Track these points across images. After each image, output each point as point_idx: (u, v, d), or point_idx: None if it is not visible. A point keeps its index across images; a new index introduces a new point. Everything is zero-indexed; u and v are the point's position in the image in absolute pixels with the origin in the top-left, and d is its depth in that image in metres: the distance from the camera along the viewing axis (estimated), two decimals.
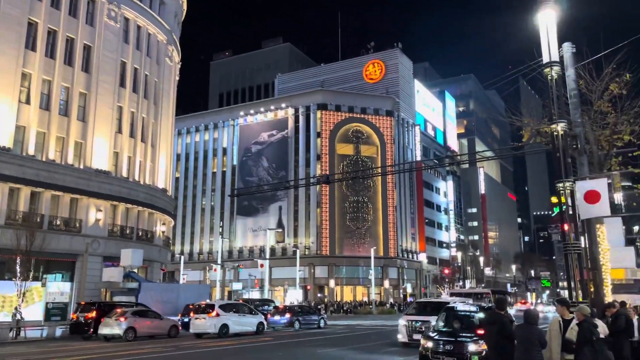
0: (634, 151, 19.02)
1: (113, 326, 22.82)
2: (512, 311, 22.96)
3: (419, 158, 79.13)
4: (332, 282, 67.08)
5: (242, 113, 78.29)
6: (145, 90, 40.34)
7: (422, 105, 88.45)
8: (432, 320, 15.85)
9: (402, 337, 18.68)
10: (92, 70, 35.53)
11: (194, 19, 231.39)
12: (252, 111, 77.47)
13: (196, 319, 23.81)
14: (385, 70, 79.68)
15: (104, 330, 23.05)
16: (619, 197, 33.07)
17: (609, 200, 14.72)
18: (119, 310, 23.83)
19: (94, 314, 24.30)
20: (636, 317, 12.98)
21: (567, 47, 16.68)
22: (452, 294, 40.61)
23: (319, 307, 46.66)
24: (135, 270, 33.52)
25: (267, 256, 53.16)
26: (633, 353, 12.21)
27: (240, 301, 32.34)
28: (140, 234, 37.99)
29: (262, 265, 50.10)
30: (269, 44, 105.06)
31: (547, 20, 15.44)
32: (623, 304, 13.23)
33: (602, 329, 11.40)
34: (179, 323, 26.15)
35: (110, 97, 36.51)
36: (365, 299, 66.20)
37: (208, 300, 30.06)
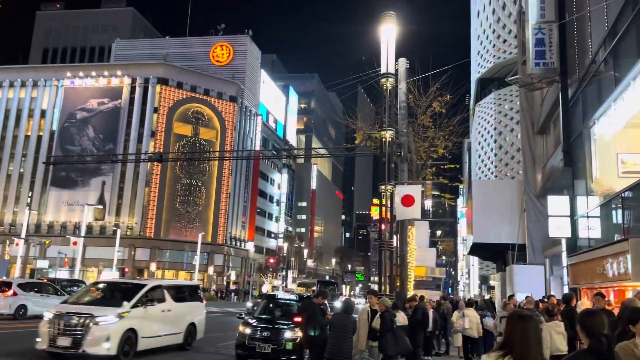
0: (445, 164, 21.54)
1: None
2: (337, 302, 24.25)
3: (258, 148, 79.73)
4: (153, 266, 64.23)
5: (69, 74, 70.53)
6: None
7: (266, 96, 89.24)
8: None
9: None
10: None
11: None
12: (81, 74, 70.28)
13: None
14: (234, 55, 78.62)
15: None
16: (428, 204, 37.20)
17: (420, 205, 16.34)
18: None
19: None
20: (431, 310, 14.63)
21: (402, 62, 18.16)
22: (299, 284, 41.81)
23: None
24: None
25: (83, 234, 48.81)
26: (426, 341, 13.76)
27: (45, 280, 29.18)
28: None
29: (75, 243, 45.80)
30: (109, 5, 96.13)
31: (388, 35, 16.58)
32: (422, 298, 14.80)
33: (403, 319, 12.67)
34: None
35: None
36: None
37: (4, 278, 26.58)
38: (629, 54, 12.56)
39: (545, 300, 13.59)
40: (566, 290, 17.26)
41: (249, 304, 33.48)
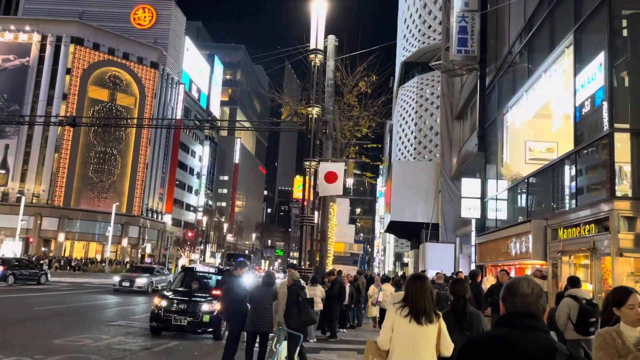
0: (368, 144, 22.02)
1: None
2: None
3: (179, 117, 77.07)
4: (61, 236, 60.84)
5: None
6: None
7: (190, 65, 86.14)
8: None
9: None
10: None
11: None
12: None
13: None
14: (157, 18, 74.90)
15: None
16: (350, 182, 37.92)
17: (343, 182, 16.63)
18: None
19: None
20: (348, 284, 15.04)
21: (331, 39, 18.18)
22: (228, 255, 41.23)
23: (41, 262, 41.88)
24: None
25: None
26: (341, 314, 14.18)
27: None
28: None
29: None
30: None
31: (318, 10, 16.50)
32: (340, 273, 15.18)
33: (321, 292, 12.95)
34: None
35: None
36: (99, 256, 62.04)
37: None
38: (542, 47, 13.38)
39: (454, 276, 14.40)
40: (473, 267, 18.44)
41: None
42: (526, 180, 14.20)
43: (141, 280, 25.00)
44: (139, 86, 68.29)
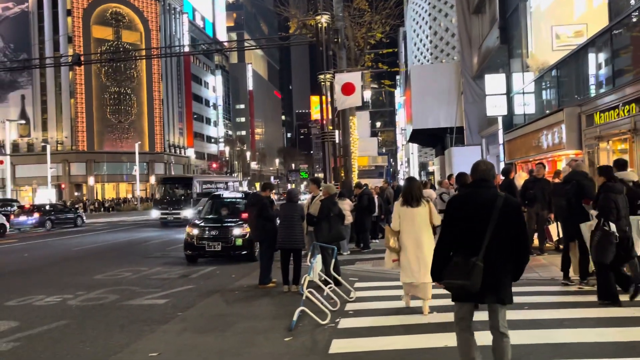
0: (383, 50, 21.05)
1: None
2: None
3: (187, 49, 75.21)
4: (91, 180, 62.10)
5: None
6: None
7: None
8: None
9: None
10: None
11: None
12: None
13: None
14: None
15: None
16: (367, 95, 36.95)
17: (361, 93, 16.01)
18: None
19: None
20: (376, 196, 14.89)
21: None
22: (164, 180, 40.08)
23: (76, 206, 43.03)
24: None
25: (8, 152, 45.92)
26: (372, 225, 14.15)
27: None
28: None
29: (1, 162, 43.11)
30: None
31: None
32: (366, 185, 14.99)
33: (348, 205, 12.84)
34: None
35: None
36: (130, 195, 63.48)
37: None
38: None
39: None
40: (502, 166, 18.01)
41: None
42: (555, 68, 13.38)
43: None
44: (141, 20, 66.33)
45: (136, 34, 65.84)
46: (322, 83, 15.45)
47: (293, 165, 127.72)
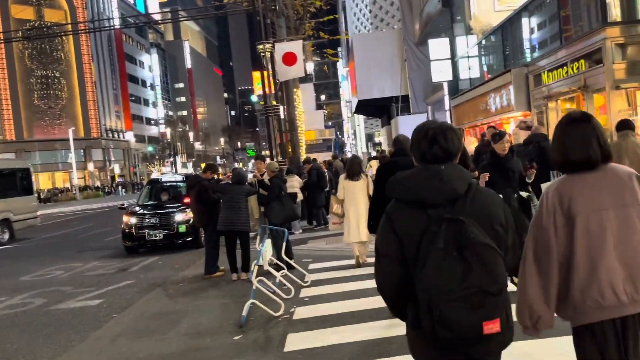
0: (323, 18, 20.31)
1: None
2: None
3: (117, 26, 71.32)
4: None
5: None
6: None
7: None
8: None
9: None
10: None
11: None
12: None
13: None
14: None
15: None
16: (310, 66, 36.10)
17: (303, 63, 15.28)
18: None
19: None
20: (326, 170, 14.36)
21: None
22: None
23: None
24: None
25: None
26: (326, 202, 13.63)
27: None
28: None
29: None
30: None
31: None
32: (315, 160, 14.42)
33: (298, 183, 12.26)
34: None
35: None
36: (68, 184, 60.31)
37: None
38: None
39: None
40: None
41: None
42: (500, 29, 13.11)
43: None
44: None
45: (60, 12, 61.62)
46: (262, 54, 14.60)
47: (239, 143, 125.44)
